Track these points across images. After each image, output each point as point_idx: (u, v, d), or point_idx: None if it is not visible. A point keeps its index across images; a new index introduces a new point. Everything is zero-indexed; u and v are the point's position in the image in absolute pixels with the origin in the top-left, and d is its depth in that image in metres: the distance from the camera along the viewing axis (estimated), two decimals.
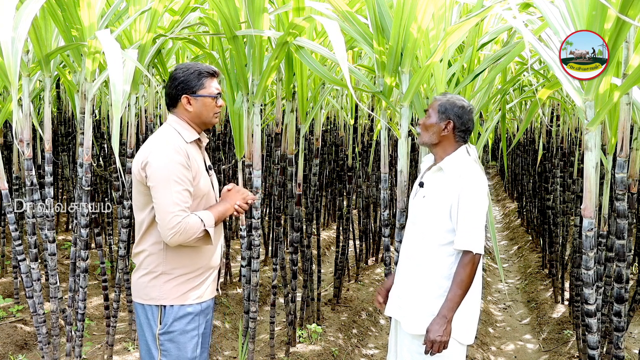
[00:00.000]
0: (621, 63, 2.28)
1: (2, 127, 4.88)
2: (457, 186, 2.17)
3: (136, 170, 2.01)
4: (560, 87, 3.27)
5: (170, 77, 2.09)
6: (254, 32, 2.74)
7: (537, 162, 6.27)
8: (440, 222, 2.21)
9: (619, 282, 2.49)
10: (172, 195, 1.94)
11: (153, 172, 1.96)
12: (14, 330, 3.81)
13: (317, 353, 3.72)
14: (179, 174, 1.97)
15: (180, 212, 1.95)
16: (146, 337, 2.09)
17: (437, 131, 2.26)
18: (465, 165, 2.22)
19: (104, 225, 5.41)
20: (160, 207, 1.95)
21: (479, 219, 2.15)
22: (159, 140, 2.03)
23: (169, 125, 2.10)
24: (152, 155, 1.98)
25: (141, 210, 2.06)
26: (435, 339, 2.09)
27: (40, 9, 2.57)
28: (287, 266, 4.04)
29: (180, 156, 1.99)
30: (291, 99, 3.39)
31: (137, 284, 2.10)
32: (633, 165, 2.58)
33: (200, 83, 2.06)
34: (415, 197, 2.35)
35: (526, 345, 4.40)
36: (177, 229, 1.94)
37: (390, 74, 2.69)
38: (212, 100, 2.09)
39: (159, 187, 1.95)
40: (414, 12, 2.46)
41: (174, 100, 2.09)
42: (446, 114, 2.24)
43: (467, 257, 2.13)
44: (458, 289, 2.12)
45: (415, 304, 2.25)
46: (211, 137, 5.07)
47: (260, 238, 3.28)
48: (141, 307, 2.09)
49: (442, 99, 2.28)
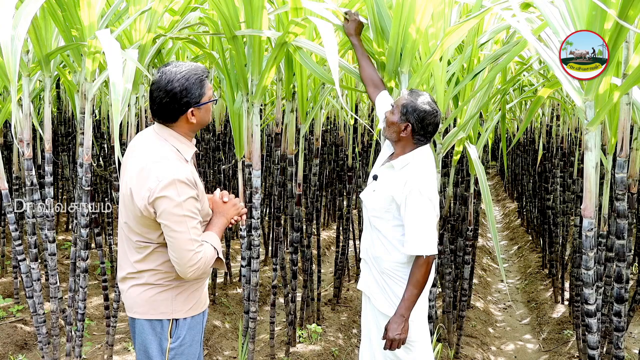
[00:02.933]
0: (621, 63, 2.28)
1: (2, 127, 4.88)
2: (404, 188, 2.21)
3: (141, 205, 1.81)
4: (560, 87, 3.27)
5: (165, 90, 1.83)
6: (253, 32, 2.74)
7: (537, 162, 6.27)
8: (391, 217, 2.28)
9: (619, 282, 2.49)
10: (189, 232, 1.81)
11: (165, 211, 1.79)
12: (14, 330, 3.81)
13: (317, 353, 3.72)
14: (192, 209, 1.83)
15: (199, 247, 1.84)
16: (150, 353, 1.96)
17: (396, 130, 2.28)
18: (416, 167, 2.25)
19: (104, 225, 5.41)
20: (178, 247, 1.82)
21: (427, 223, 2.20)
22: (165, 171, 1.80)
23: (165, 142, 1.89)
24: (160, 191, 1.78)
25: (140, 234, 1.90)
26: (394, 337, 2.18)
27: (40, 8, 2.58)
28: (287, 266, 4.04)
29: (192, 189, 1.83)
30: (291, 99, 3.39)
31: (139, 299, 1.94)
32: (633, 165, 2.58)
33: (203, 91, 1.87)
34: (368, 186, 2.41)
35: (526, 345, 4.39)
36: (198, 265, 1.83)
37: (389, 75, 2.69)
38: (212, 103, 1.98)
39: (174, 226, 1.80)
40: (413, 11, 2.46)
41: (176, 115, 1.87)
42: (406, 117, 2.24)
43: (420, 260, 2.20)
44: (414, 288, 2.20)
45: (379, 287, 2.36)
46: (211, 137, 5.07)
47: (260, 238, 3.28)
48: (147, 323, 1.95)
49: (408, 99, 2.26)
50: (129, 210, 1.89)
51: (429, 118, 2.23)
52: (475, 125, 3.47)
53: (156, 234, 1.87)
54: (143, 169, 1.83)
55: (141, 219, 1.86)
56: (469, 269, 3.84)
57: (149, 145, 1.90)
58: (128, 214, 1.91)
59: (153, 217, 1.83)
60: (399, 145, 2.31)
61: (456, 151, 3.26)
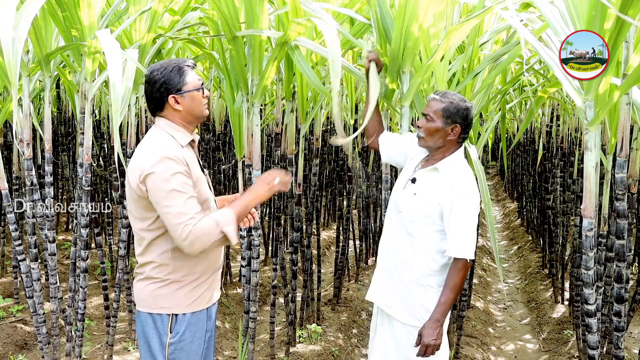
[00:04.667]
0: (621, 63, 2.28)
1: (2, 127, 4.88)
2: (451, 191, 2.17)
3: (134, 184, 1.90)
4: (560, 87, 3.27)
5: (148, 81, 1.96)
6: (254, 32, 2.74)
7: (537, 162, 6.27)
8: (430, 222, 2.22)
9: (619, 282, 2.49)
10: (177, 207, 1.85)
11: (153, 187, 1.86)
12: (14, 330, 3.81)
13: (317, 353, 3.72)
14: (180, 184, 1.88)
15: (190, 220, 1.85)
16: (151, 347, 2.00)
17: (443, 135, 2.23)
18: (461, 170, 2.23)
19: (104, 225, 5.41)
20: (169, 222, 1.86)
21: (472, 226, 2.17)
22: (155, 150, 1.90)
23: (161, 130, 1.98)
24: (149, 168, 1.86)
25: (141, 220, 1.97)
26: (430, 343, 2.13)
27: (41, 9, 2.57)
28: (287, 266, 4.04)
29: (180, 165, 1.89)
30: (291, 99, 3.39)
31: (142, 293, 2.00)
32: (633, 165, 2.58)
33: (182, 79, 1.94)
34: (404, 189, 2.32)
35: (526, 345, 4.40)
36: (190, 238, 1.84)
37: (392, 76, 2.69)
38: (199, 92, 1.99)
39: (163, 201, 1.86)
40: (416, 11, 2.46)
41: (160, 103, 1.97)
42: (452, 119, 2.21)
43: (460, 263, 2.15)
44: (451, 293, 2.15)
45: (399, 296, 2.29)
46: (211, 137, 5.07)
47: (260, 238, 3.28)
48: (149, 317, 2.00)
49: (445, 102, 2.22)
50: (130, 196, 1.98)
51: (471, 113, 2.24)
52: (475, 125, 3.47)
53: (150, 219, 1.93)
54: (137, 157, 1.94)
55: (137, 201, 1.93)
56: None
57: (148, 136, 2.01)
58: (129, 199, 1.99)
59: (145, 196, 1.89)
60: (442, 150, 2.26)
61: None
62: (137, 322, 2.07)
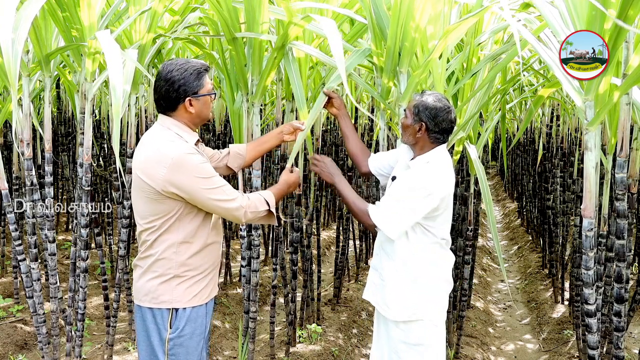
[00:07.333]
0: (621, 63, 2.28)
1: (2, 127, 4.89)
2: (404, 175, 2.24)
3: (159, 185, 1.91)
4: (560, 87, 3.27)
5: (165, 79, 1.96)
6: (251, 35, 2.74)
7: (537, 162, 6.27)
8: None
9: (619, 282, 2.49)
10: (216, 191, 1.95)
11: (183, 182, 1.90)
12: (14, 330, 3.81)
13: (317, 353, 3.72)
14: (208, 170, 1.97)
15: (233, 193, 2.00)
16: (151, 341, 2.02)
17: (412, 133, 2.27)
18: (428, 166, 2.23)
19: (104, 225, 5.41)
20: (217, 205, 1.97)
21: (400, 205, 2.17)
22: (175, 145, 1.93)
23: (168, 129, 1.99)
24: (177, 169, 1.90)
25: (148, 218, 1.98)
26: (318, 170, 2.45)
27: (40, 9, 2.57)
28: (287, 266, 4.04)
29: (200, 156, 1.96)
30: (291, 99, 3.39)
31: (144, 288, 2.02)
32: (633, 165, 2.58)
33: (200, 83, 1.98)
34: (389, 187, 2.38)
35: (526, 345, 4.40)
36: (246, 206, 2.02)
37: (388, 75, 2.69)
38: (211, 97, 2.05)
39: (200, 192, 1.92)
40: (412, 10, 2.45)
41: (175, 103, 1.98)
42: (419, 116, 2.23)
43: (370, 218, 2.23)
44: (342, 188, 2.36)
45: (390, 292, 2.31)
46: (211, 137, 5.07)
47: (260, 238, 3.28)
48: (149, 311, 2.01)
49: (418, 100, 2.25)
50: (137, 193, 2.00)
51: (442, 114, 2.21)
52: (475, 125, 3.47)
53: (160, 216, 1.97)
54: (152, 154, 1.94)
55: (150, 197, 1.95)
56: (469, 269, 3.84)
57: (154, 133, 2.01)
58: (135, 198, 2.01)
59: (168, 190, 1.91)
60: (417, 147, 2.29)
61: (456, 151, 3.26)
62: (136, 317, 2.08)
